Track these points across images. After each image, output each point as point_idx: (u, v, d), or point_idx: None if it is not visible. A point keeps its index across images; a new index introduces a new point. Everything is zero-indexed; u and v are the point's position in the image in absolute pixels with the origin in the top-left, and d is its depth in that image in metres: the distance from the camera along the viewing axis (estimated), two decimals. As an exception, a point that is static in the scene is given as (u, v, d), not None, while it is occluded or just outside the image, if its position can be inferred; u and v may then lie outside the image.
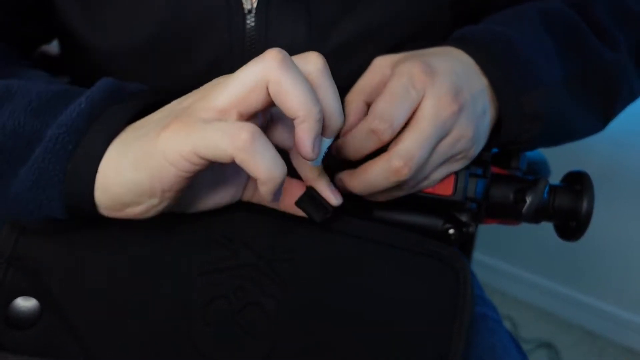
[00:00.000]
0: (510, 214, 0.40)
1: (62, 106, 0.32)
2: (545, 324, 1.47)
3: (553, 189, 0.41)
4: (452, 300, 0.35)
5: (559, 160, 0.67)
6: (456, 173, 0.38)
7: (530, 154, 0.55)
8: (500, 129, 0.40)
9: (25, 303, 0.32)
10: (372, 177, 0.35)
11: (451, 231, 0.39)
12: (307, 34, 0.41)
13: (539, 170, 0.58)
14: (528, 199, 0.39)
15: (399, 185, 0.36)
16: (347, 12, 0.42)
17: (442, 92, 0.35)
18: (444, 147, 0.36)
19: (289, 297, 0.34)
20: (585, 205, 0.39)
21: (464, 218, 0.39)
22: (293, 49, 0.41)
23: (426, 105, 0.34)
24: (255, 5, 0.40)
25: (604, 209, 0.39)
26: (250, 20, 0.41)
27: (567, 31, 0.42)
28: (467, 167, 0.38)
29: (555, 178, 0.45)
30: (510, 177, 0.41)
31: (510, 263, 1.55)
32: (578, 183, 0.41)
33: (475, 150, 0.38)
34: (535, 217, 0.41)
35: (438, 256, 0.37)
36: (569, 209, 0.40)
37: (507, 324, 1.42)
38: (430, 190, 0.38)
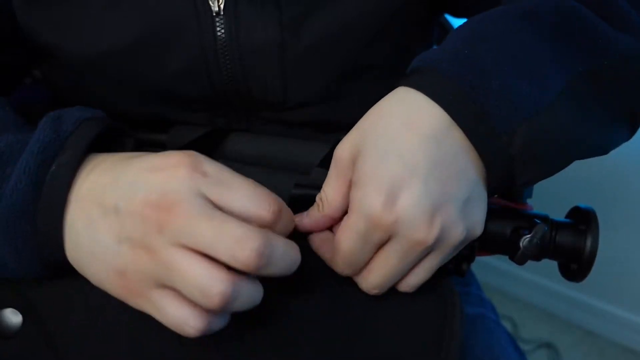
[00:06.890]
0: (505, 250, 0.38)
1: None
2: (546, 324, 1.47)
3: (555, 225, 0.37)
4: (440, 327, 0.34)
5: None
6: None
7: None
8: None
9: (11, 315, 0.33)
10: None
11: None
12: (279, 33, 0.40)
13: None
14: (522, 245, 0.35)
15: None
16: (318, 6, 0.41)
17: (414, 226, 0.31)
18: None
19: (274, 324, 0.34)
20: (588, 246, 0.36)
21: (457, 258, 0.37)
22: (266, 50, 0.41)
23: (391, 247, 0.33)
24: (222, 6, 0.40)
25: (604, 210, 0.38)
26: (220, 23, 0.40)
27: (566, 23, 0.35)
28: None
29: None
30: (510, 211, 0.38)
31: (510, 263, 1.54)
32: (583, 221, 0.37)
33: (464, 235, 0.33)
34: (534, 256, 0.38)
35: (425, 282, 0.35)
36: (571, 250, 0.37)
37: (507, 324, 1.42)
38: None
